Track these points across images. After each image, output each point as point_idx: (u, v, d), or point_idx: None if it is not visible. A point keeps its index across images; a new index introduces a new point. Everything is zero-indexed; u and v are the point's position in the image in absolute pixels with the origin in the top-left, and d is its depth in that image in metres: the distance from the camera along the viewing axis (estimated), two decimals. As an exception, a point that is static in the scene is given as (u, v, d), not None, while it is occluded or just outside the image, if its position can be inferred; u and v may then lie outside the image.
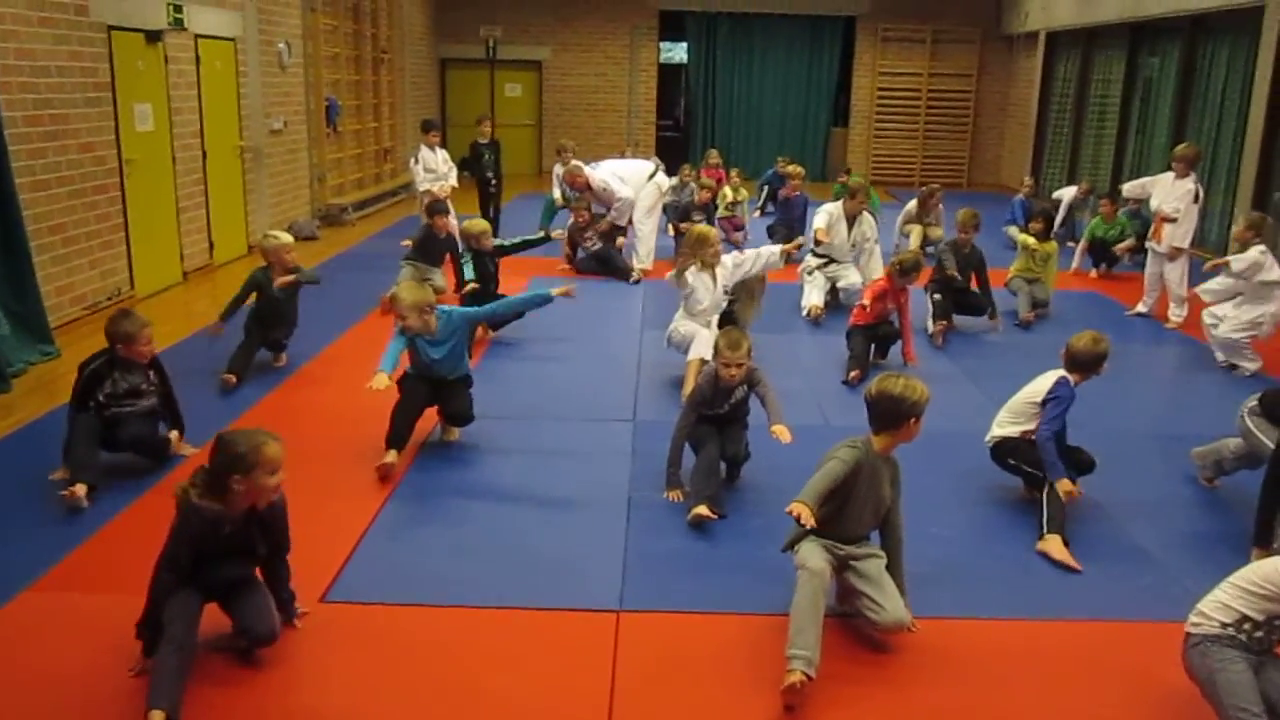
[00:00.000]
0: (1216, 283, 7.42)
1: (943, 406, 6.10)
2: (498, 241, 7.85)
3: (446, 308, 5.41)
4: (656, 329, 7.13)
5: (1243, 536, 4.33)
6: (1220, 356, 7.25)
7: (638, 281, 9.62)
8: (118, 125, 8.14)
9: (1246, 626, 3.11)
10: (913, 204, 11.21)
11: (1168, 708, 3.31)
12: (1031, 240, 8.76)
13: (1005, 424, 4.86)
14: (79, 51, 7.62)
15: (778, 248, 6.78)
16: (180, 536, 3.29)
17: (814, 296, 8.45)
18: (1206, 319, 7.36)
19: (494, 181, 11.43)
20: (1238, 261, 7.01)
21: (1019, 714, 3.34)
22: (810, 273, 8.65)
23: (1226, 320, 7.16)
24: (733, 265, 6.59)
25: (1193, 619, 3.21)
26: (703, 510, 4.51)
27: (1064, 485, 4.49)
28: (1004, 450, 4.84)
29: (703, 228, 6.84)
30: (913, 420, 3.64)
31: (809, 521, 3.38)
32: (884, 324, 6.98)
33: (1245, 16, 11.04)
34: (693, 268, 6.39)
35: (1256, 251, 6.97)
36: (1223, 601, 3.16)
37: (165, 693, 3.05)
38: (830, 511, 3.55)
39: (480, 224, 7.80)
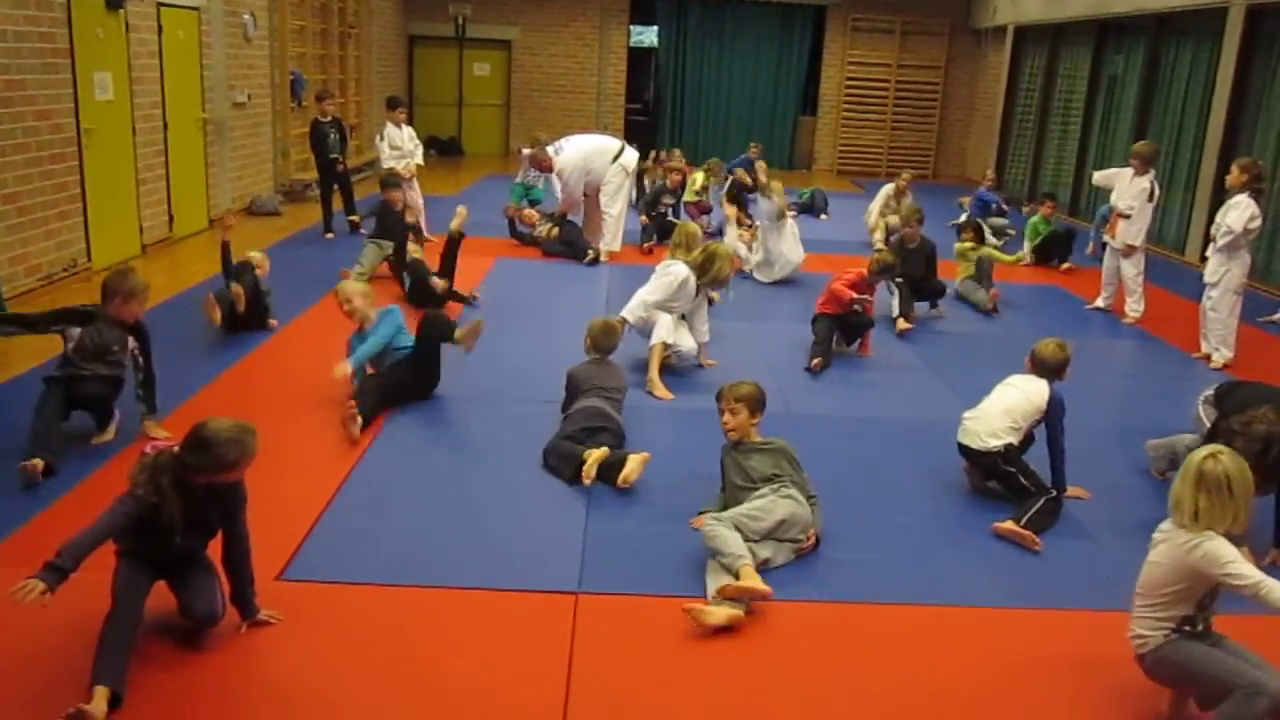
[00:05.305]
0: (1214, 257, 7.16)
1: (905, 397, 6.20)
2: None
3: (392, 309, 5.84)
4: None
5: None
6: (1205, 347, 7.26)
7: (594, 262, 9.59)
8: (76, 94, 7.97)
9: (1187, 628, 3.17)
10: (889, 188, 11.30)
11: (1115, 695, 3.36)
12: (966, 246, 8.94)
13: (1008, 432, 4.70)
14: (37, 16, 7.45)
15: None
16: (122, 510, 3.18)
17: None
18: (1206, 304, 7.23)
19: (340, 164, 10.48)
20: (1238, 220, 6.85)
21: (970, 699, 3.38)
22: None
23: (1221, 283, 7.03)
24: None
25: (1135, 641, 3.23)
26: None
27: (1077, 490, 4.82)
28: (1011, 458, 4.69)
29: (726, 247, 6.87)
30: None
31: None
32: (852, 313, 6.96)
33: (1209, 17, 11.19)
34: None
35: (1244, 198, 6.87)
36: (1155, 618, 3.18)
37: (109, 669, 3.02)
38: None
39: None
